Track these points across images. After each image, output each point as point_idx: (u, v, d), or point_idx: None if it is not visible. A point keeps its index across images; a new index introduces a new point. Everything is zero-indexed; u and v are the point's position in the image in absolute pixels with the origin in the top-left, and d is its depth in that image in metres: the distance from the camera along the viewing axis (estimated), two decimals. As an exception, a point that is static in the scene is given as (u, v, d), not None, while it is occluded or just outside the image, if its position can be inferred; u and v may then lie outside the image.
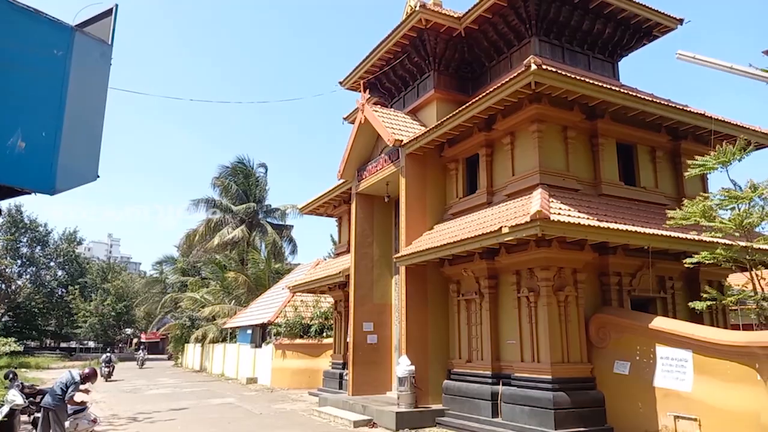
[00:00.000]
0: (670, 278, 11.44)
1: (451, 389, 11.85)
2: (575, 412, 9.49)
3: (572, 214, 9.67)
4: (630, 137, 12.03)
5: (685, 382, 8.69)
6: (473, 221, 11.51)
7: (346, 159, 15.35)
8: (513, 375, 10.56)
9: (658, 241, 10.09)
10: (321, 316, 22.79)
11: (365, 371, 14.32)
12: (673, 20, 13.88)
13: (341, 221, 18.89)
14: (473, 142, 12.51)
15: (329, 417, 13.00)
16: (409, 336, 12.23)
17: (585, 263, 10.58)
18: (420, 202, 13.23)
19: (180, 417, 13.60)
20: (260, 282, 32.90)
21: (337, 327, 18.09)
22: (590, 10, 13.17)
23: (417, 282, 12.66)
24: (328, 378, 17.46)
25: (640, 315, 10.17)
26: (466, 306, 12.14)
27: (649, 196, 12.02)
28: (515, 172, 11.48)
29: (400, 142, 13.02)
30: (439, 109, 14.03)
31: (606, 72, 14.06)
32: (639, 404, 9.33)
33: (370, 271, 15.17)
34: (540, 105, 10.77)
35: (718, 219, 8.87)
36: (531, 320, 10.36)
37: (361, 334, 14.62)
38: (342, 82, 16.93)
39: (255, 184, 41.86)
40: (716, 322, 11.67)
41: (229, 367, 27.50)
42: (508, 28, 13.45)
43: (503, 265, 11.17)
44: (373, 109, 14.27)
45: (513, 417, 10.08)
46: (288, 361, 21.43)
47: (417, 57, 14.60)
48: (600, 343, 10.25)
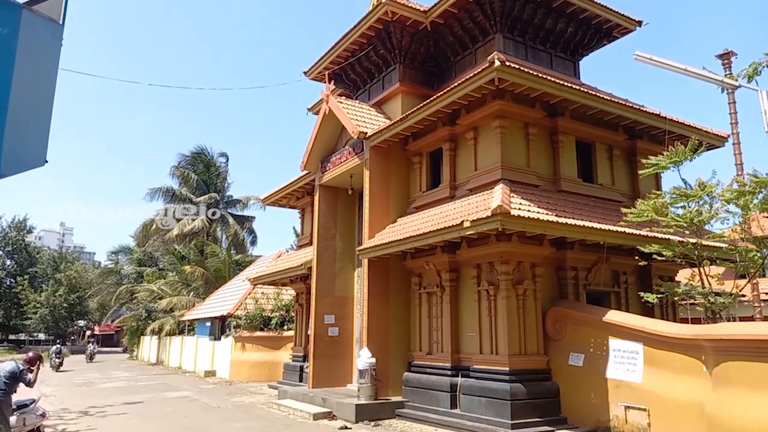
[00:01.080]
0: (624, 273, 11.81)
1: (411, 381, 11.94)
2: (531, 403, 9.71)
3: (532, 210, 9.85)
4: (589, 135, 12.32)
5: (636, 374, 9.01)
6: (436, 215, 11.59)
7: (309, 150, 15.20)
8: (472, 367, 10.72)
9: (613, 237, 10.39)
10: (282, 308, 22.60)
11: (326, 364, 14.28)
12: (632, 22, 14.26)
13: (304, 213, 18.73)
14: (437, 136, 12.58)
15: (288, 410, 12.93)
16: (371, 328, 12.25)
17: (543, 257, 10.81)
18: (384, 195, 13.23)
19: (134, 411, 13.27)
20: (220, 274, 32.35)
21: (298, 319, 17.97)
22: (553, 8, 13.40)
23: (379, 275, 12.68)
24: (289, 371, 17.34)
25: (595, 308, 10.46)
26: (428, 299, 12.24)
27: (605, 192, 12.35)
28: (478, 167, 11.60)
29: (364, 134, 12.97)
30: (404, 103, 14.03)
31: (567, 70, 14.35)
32: (592, 395, 9.61)
33: (333, 264, 15.11)
34: (503, 101, 10.91)
35: (669, 216, 9.19)
36: (490, 313, 10.53)
37: (323, 326, 14.57)
38: (307, 72, 16.74)
39: (216, 174, 41.08)
40: (666, 315, 12.13)
41: (186, 360, 26.99)
42: (473, 24, 13.54)
43: (464, 258, 11.30)
44: (338, 100, 14.16)
45: (471, 408, 10.25)
46: (248, 354, 21.19)
47: (383, 49, 14.55)
48: (556, 336, 10.51)
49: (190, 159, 41.05)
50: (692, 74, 7.45)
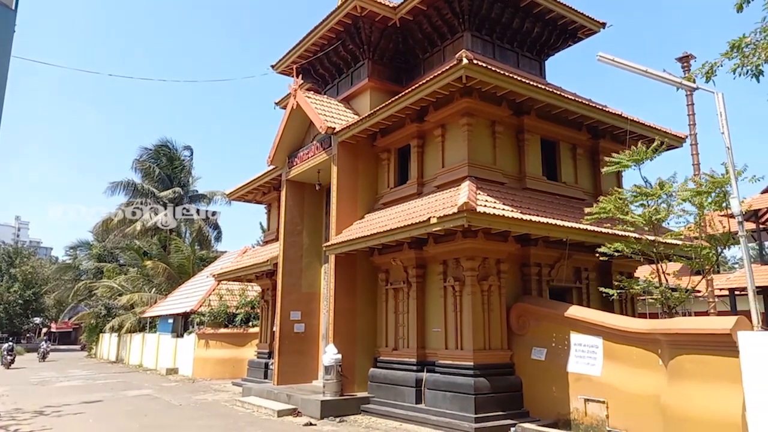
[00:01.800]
0: (586, 269, 12.10)
1: (377, 377, 11.97)
2: (495, 397, 9.86)
3: (497, 207, 9.98)
4: (553, 134, 12.55)
5: (595, 367, 9.24)
6: (403, 211, 11.62)
7: (276, 145, 15.02)
8: (437, 362, 10.81)
9: (575, 234, 10.62)
10: (247, 304, 22.32)
11: (291, 360, 14.18)
12: (596, 23, 14.58)
13: (270, 208, 18.52)
14: (405, 132, 12.60)
15: (253, 407, 12.78)
16: (337, 325, 12.21)
17: (508, 254, 10.97)
18: (351, 191, 13.19)
19: (91, 410, 12.90)
20: (184, 270, 31.72)
21: (263, 316, 17.78)
22: (520, 8, 13.58)
23: (346, 271, 12.64)
24: (253, 368, 17.15)
25: (557, 304, 10.69)
26: (394, 295, 12.27)
27: (569, 190, 12.61)
28: (445, 164, 11.68)
29: (332, 129, 12.89)
30: (373, 99, 14.00)
31: (534, 70, 14.58)
32: (553, 388, 9.82)
33: (299, 260, 14.99)
34: (470, 99, 11.00)
35: (630, 214, 9.44)
36: (456, 309, 10.63)
37: (288, 323, 14.45)
38: (274, 65, 16.53)
39: (180, 168, 40.22)
40: (625, 310, 12.48)
41: (147, 357, 26.39)
42: (442, 21, 13.61)
43: (431, 254, 11.37)
44: (306, 95, 14.04)
45: (435, 403, 10.33)
46: (211, 351, 20.85)
47: (351, 45, 14.49)
48: (520, 331, 10.69)
49: (153, 152, 40.07)
50: (652, 76, 7.66)
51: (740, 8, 6.58)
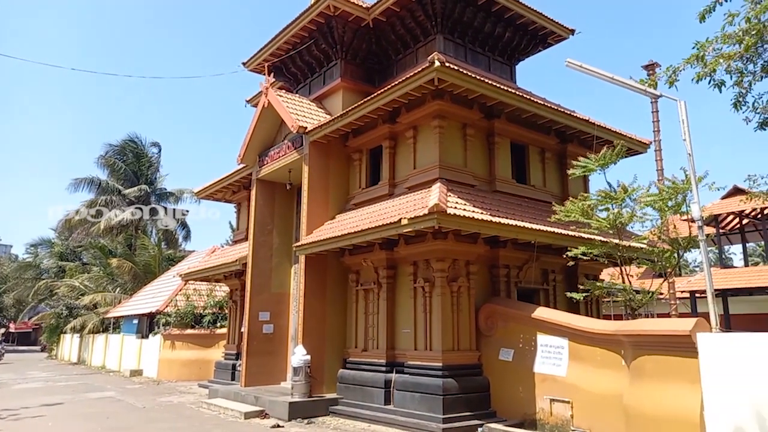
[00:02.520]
0: (553, 271, 12.31)
1: (346, 378, 11.93)
2: (463, 398, 9.93)
3: (468, 209, 10.07)
4: (523, 138, 12.73)
5: (561, 368, 9.40)
6: (374, 212, 11.62)
7: (247, 143, 14.84)
8: (406, 363, 10.84)
9: (543, 237, 10.79)
10: (215, 305, 21.97)
11: (260, 361, 14.02)
12: (566, 30, 14.85)
13: (240, 208, 18.28)
14: (377, 133, 12.60)
15: (219, 409, 12.59)
16: (306, 325, 12.13)
17: (477, 255, 11.07)
18: (323, 191, 13.12)
19: (52, 413, 12.50)
20: (150, 269, 31.03)
21: (232, 316, 17.53)
22: (492, 13, 13.74)
23: (316, 271, 12.57)
24: (220, 369, 16.89)
25: (525, 305, 10.84)
26: (365, 296, 12.26)
27: (537, 193, 12.80)
28: (416, 166, 11.72)
29: (304, 129, 12.81)
30: (345, 99, 13.96)
31: (504, 74, 14.77)
32: (520, 389, 9.95)
33: (269, 260, 14.84)
34: (442, 101, 11.07)
35: (595, 218, 9.64)
36: (425, 310, 10.68)
37: (257, 323, 14.29)
38: (246, 63, 16.33)
39: (147, 165, 39.37)
40: (591, 312, 12.74)
41: (111, 359, 25.75)
42: (414, 23, 13.67)
43: (402, 255, 11.40)
44: (278, 93, 13.91)
45: (404, 404, 10.35)
46: (177, 352, 20.46)
47: (324, 44, 14.42)
48: (488, 332, 10.80)
49: (120, 148, 39.12)
50: (618, 83, 7.83)
51: (703, 18, 6.80)
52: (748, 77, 6.80)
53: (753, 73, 6.79)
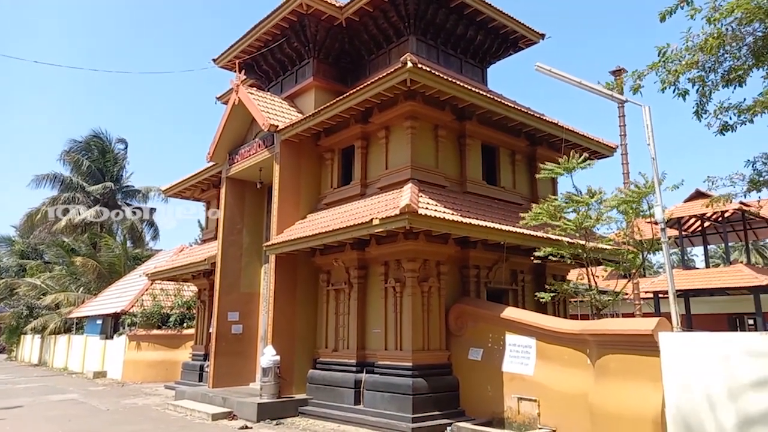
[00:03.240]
0: (522, 272, 12.49)
1: (316, 378, 11.87)
2: (432, 397, 10.00)
3: (439, 209, 10.14)
4: (494, 140, 12.88)
5: (528, 367, 9.55)
6: (346, 212, 11.59)
7: (216, 141, 14.63)
8: (376, 363, 10.85)
9: (512, 238, 10.94)
10: (183, 305, 21.62)
11: (228, 362, 13.84)
12: (536, 34, 15.10)
13: (209, 206, 18.00)
14: (350, 133, 12.58)
15: (186, 411, 12.38)
16: (276, 326, 12.03)
17: (448, 256, 11.16)
18: (294, 190, 13.03)
19: (11, 416, 12.09)
20: (115, 269, 30.31)
21: (200, 317, 17.25)
22: (464, 15, 13.87)
23: (287, 271, 12.47)
24: (188, 370, 16.61)
25: (494, 305, 10.97)
26: (335, 296, 12.22)
27: (507, 195, 12.97)
28: (388, 166, 11.75)
29: (275, 127, 12.69)
30: (318, 98, 13.90)
31: (476, 76, 14.92)
32: (488, 388, 10.07)
33: (239, 259, 14.67)
34: (414, 102, 11.12)
35: (562, 220, 9.82)
36: (396, 310, 10.71)
37: (226, 323, 14.10)
38: (216, 59, 16.08)
39: (113, 162, 38.42)
40: (558, 312, 12.96)
41: (73, 360, 25.05)
42: (388, 24, 13.69)
43: (373, 256, 11.40)
44: (249, 91, 13.75)
45: (374, 404, 10.36)
46: (143, 353, 20.03)
47: (297, 42, 14.33)
48: (458, 332, 10.89)
49: (84, 144, 38.09)
50: (586, 88, 8.01)
51: (663, 18, 7.01)
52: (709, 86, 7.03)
53: (713, 82, 7.02)
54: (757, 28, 6.75)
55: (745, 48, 6.83)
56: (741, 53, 6.90)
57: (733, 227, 25.24)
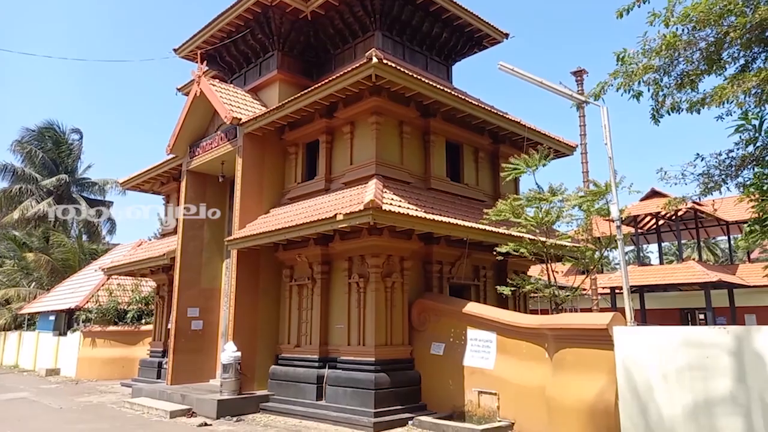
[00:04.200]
0: (484, 267, 12.67)
1: (278, 374, 11.77)
2: (394, 392, 10.06)
3: (403, 205, 10.18)
4: (458, 137, 13.00)
5: (489, 361, 9.71)
6: (310, 207, 11.52)
7: (177, 133, 14.29)
8: (339, 358, 10.84)
9: (475, 234, 11.08)
10: (141, 301, 21.08)
11: (188, 359, 13.59)
12: (500, 33, 15.30)
13: (169, 200, 17.58)
14: (314, 127, 12.49)
15: (143, 408, 12.09)
16: (238, 321, 11.86)
17: (412, 251, 11.23)
18: (257, 184, 12.85)
19: (-46, 418, 11.56)
20: (69, 264, 29.28)
21: (158, 313, 16.86)
22: (430, 12, 13.93)
23: (249, 266, 12.31)
24: (146, 367, 16.23)
25: (456, 300, 11.10)
26: (298, 291, 12.13)
27: (471, 192, 13.13)
28: (353, 161, 11.72)
29: (238, 120, 12.48)
30: (282, 91, 13.73)
31: (441, 74, 15.02)
32: (450, 382, 10.19)
33: (199, 254, 14.39)
34: (379, 98, 11.12)
35: (524, 216, 10.01)
36: (360, 305, 10.72)
37: (185, 319, 13.84)
38: (177, 49, 15.69)
39: (67, 153, 37.02)
40: (518, 307, 13.21)
41: (25, 357, 24.13)
42: (353, 18, 13.63)
43: (337, 251, 11.37)
44: (211, 82, 13.48)
45: (336, 399, 10.36)
46: (98, 350, 19.45)
47: (261, 34, 14.11)
48: (420, 327, 10.98)
49: (37, 134, 36.56)
50: (548, 88, 8.16)
51: (620, 15, 7.21)
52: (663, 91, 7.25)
53: (667, 86, 7.25)
54: (710, 34, 7.01)
55: (698, 53, 7.08)
56: (694, 58, 7.14)
57: (686, 225, 26.23)
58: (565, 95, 8.27)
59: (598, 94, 7.53)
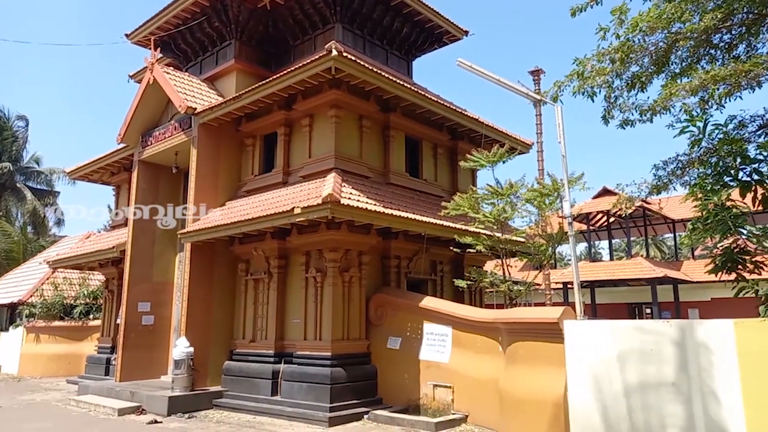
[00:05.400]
0: (441, 262, 12.79)
1: (232, 370, 11.57)
2: (350, 386, 10.05)
3: (361, 200, 10.15)
4: (417, 132, 13.05)
5: (444, 355, 9.82)
6: (267, 200, 11.34)
7: (128, 121, 13.80)
8: (295, 353, 10.74)
9: (433, 229, 11.16)
10: (89, 295, 20.31)
11: (138, 355, 13.20)
12: (460, 30, 15.42)
13: (120, 190, 16.99)
14: (272, 119, 12.29)
15: (90, 406, 11.67)
16: (191, 316, 11.58)
17: (370, 246, 11.21)
18: (212, 176, 12.56)
19: None
20: (11, 256, 27.98)
21: (107, 307, 16.28)
22: (391, 7, 13.91)
23: (203, 260, 12.02)
24: (93, 364, 15.66)
25: (413, 295, 11.17)
26: (254, 286, 11.94)
27: (429, 187, 13.21)
28: (312, 155, 11.60)
29: (193, 110, 12.15)
30: (239, 81, 13.45)
31: (401, 69, 15.03)
32: (406, 376, 10.26)
33: (151, 247, 13.97)
34: (339, 91, 11.03)
35: (481, 212, 10.15)
36: (317, 300, 10.64)
37: (136, 314, 13.42)
38: (129, 35, 15.15)
39: (11, 140, 35.30)
40: (474, 301, 13.40)
41: (-38, 355, 22.90)
42: (313, 10, 13.47)
43: (294, 245, 11.25)
44: (165, 70, 13.06)
45: (292, 394, 10.27)
46: (43, 346, 18.66)
47: (218, 22, 13.76)
48: (377, 321, 11.00)
49: (-22, 120, 34.74)
50: (505, 86, 8.28)
51: (574, 14, 7.41)
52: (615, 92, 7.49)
53: (619, 88, 7.49)
54: (660, 39, 7.27)
55: (648, 58, 7.33)
56: (644, 62, 7.40)
57: (635, 223, 27.22)
58: (522, 93, 8.41)
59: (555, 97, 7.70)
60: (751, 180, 6.00)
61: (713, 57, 7.73)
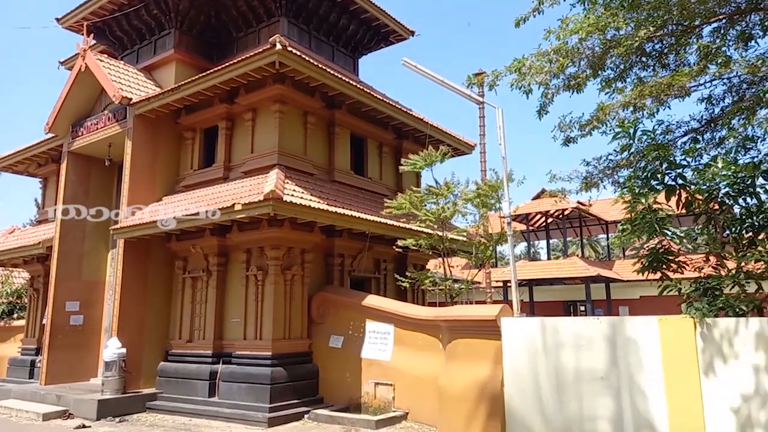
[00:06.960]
0: (384, 260, 12.83)
1: (167, 371, 11.16)
2: (291, 386, 9.91)
3: (305, 197, 10.02)
4: (363, 130, 13.03)
5: (386, 353, 9.85)
6: (207, 196, 11.02)
7: (57, 110, 13.05)
8: (234, 353, 10.49)
9: (376, 227, 11.17)
10: (12, 294, 19.10)
11: (65, 356, 12.52)
12: (406, 30, 15.51)
13: (47, 183, 16.04)
14: (213, 112, 11.93)
15: (11, 411, 10.97)
16: (123, 316, 11.08)
17: (313, 244, 11.10)
18: (148, 169, 12.06)
19: None
20: (-75, 251, 25.90)
21: (32, 307, 15.33)
22: (337, 3, 13.81)
23: (137, 257, 11.53)
24: (16, 366, 14.70)
25: (356, 293, 11.14)
26: (192, 284, 11.57)
27: (374, 186, 13.22)
28: (254, 150, 11.35)
29: (128, 100, 11.63)
30: (179, 72, 12.98)
31: (348, 66, 14.96)
32: (347, 374, 10.22)
33: (81, 243, 13.27)
34: (283, 86, 10.84)
35: (423, 211, 10.25)
36: (257, 298, 10.43)
37: (63, 314, 12.72)
38: (61, 19, 14.32)
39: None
40: (417, 299, 13.53)
41: None
42: (258, 2, 13.20)
43: (234, 242, 10.97)
44: (98, 58, 12.43)
45: (230, 395, 10.02)
46: (-41, 349, 17.37)
47: (156, 10, 13.23)
48: (320, 319, 10.90)
49: None
50: (448, 86, 8.39)
51: (518, 24, 7.62)
52: (552, 90, 7.75)
53: (556, 87, 7.75)
54: (596, 44, 7.58)
55: (584, 60, 7.63)
56: (581, 64, 7.69)
57: (572, 224, 28.30)
58: (464, 95, 8.54)
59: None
60: (676, 184, 6.35)
61: (645, 64, 8.14)
